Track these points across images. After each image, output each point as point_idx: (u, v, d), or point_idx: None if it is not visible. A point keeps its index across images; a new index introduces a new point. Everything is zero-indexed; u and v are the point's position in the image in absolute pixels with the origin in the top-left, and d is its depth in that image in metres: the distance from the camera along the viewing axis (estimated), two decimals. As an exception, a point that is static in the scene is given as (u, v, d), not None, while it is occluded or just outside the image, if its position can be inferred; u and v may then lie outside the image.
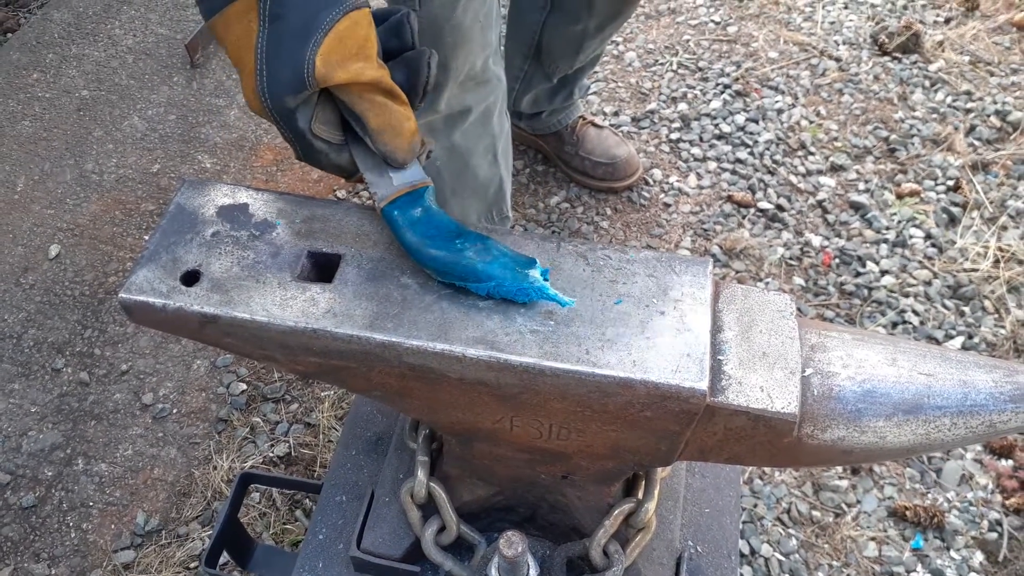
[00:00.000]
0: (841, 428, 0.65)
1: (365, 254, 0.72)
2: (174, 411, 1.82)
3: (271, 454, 1.73)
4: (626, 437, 0.70)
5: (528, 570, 0.79)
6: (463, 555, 0.84)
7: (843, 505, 1.66)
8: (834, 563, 1.59)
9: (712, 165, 2.30)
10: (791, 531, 1.63)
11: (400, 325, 0.67)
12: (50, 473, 1.73)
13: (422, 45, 0.75)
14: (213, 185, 0.77)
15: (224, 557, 1.15)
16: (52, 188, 2.26)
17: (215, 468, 1.71)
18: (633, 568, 0.82)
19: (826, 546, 1.62)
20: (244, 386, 1.85)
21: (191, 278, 0.70)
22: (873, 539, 1.62)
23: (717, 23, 2.73)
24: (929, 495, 1.68)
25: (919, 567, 1.58)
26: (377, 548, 0.86)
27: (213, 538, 0.96)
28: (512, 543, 0.73)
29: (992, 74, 2.54)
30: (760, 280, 2.05)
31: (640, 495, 0.80)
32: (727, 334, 0.68)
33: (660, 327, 0.67)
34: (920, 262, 2.08)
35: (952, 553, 1.60)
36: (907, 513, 1.63)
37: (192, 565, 1.58)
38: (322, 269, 0.72)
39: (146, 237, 2.15)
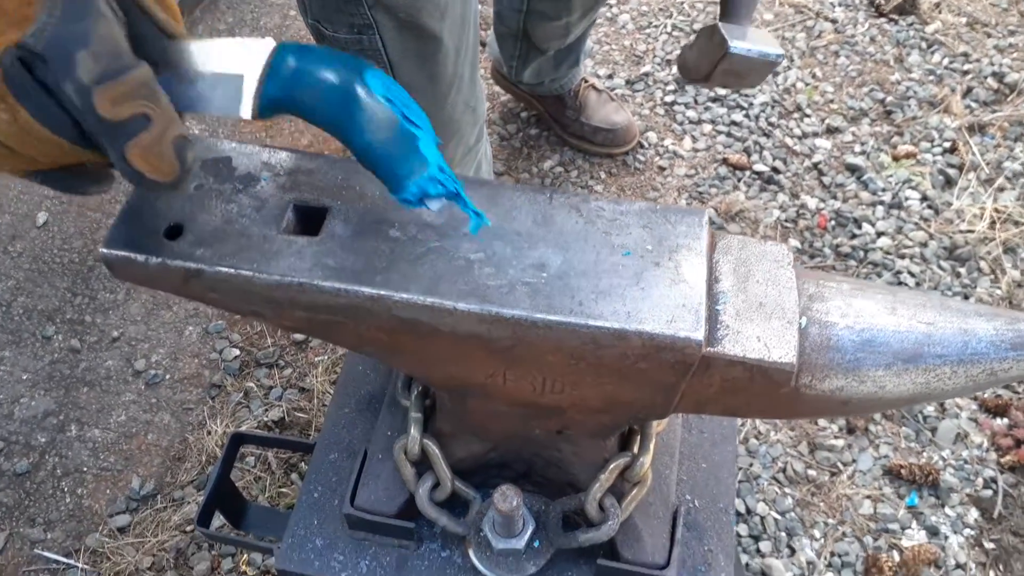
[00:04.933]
0: (839, 378, 0.65)
1: (352, 207, 0.70)
2: (167, 377, 1.81)
3: (265, 419, 1.72)
4: (621, 390, 0.69)
5: (523, 524, 0.79)
6: (458, 511, 0.84)
7: (839, 464, 1.67)
8: (829, 521, 1.60)
9: (707, 128, 2.27)
10: (787, 490, 1.63)
11: (389, 278, 0.66)
12: (43, 439, 1.72)
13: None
14: (195, 139, 0.75)
15: (219, 520, 1.15)
16: (38, 155, 2.23)
17: (209, 433, 1.70)
18: (629, 522, 0.81)
19: (822, 504, 1.62)
20: (237, 351, 1.84)
21: (174, 232, 0.68)
22: (868, 497, 1.63)
23: (712, -17, 2.69)
24: (924, 453, 1.69)
25: (914, 524, 1.59)
26: (371, 505, 0.85)
27: (205, 498, 0.95)
28: (507, 497, 0.72)
29: (989, 35, 2.51)
30: (755, 242, 2.04)
31: (636, 449, 0.80)
32: (723, 284, 0.67)
33: (655, 278, 0.65)
34: (916, 224, 2.06)
35: (947, 510, 1.61)
36: (902, 471, 1.64)
37: (188, 528, 1.58)
38: (308, 222, 0.70)
39: (135, 203, 2.12)
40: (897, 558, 1.55)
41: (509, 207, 0.70)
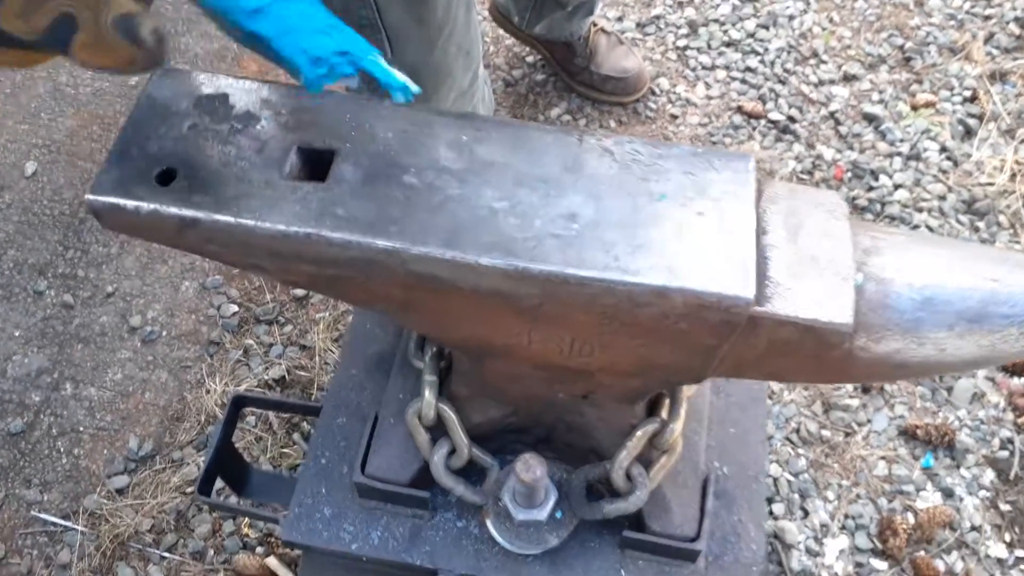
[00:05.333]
0: (897, 339, 0.59)
1: (362, 150, 0.64)
2: (163, 334, 1.75)
3: (266, 377, 1.67)
4: (656, 352, 0.63)
5: (546, 494, 0.74)
6: (474, 479, 0.79)
7: (853, 424, 1.63)
8: (844, 482, 1.57)
9: (721, 74, 2.19)
10: (800, 451, 1.60)
11: (405, 229, 0.60)
12: (37, 398, 1.67)
13: None
14: (189, 74, 0.68)
15: (221, 483, 1.10)
16: (25, 102, 2.14)
17: (208, 392, 1.66)
18: (657, 491, 0.77)
19: (836, 465, 1.59)
20: (235, 308, 1.78)
21: (167, 177, 0.62)
22: (883, 458, 1.59)
23: (726, -77, 2.57)
24: (940, 414, 1.65)
25: (929, 485, 1.56)
26: (383, 473, 0.80)
27: (205, 465, 0.91)
28: (530, 467, 0.67)
29: (1014, -22, 2.41)
30: (770, 195, 1.97)
31: (665, 415, 0.75)
32: (773, 236, 0.61)
33: (698, 229, 0.59)
34: (934, 176, 2.00)
35: (962, 471, 1.58)
36: (918, 432, 1.60)
37: (188, 490, 1.54)
38: (314, 166, 0.64)
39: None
40: (912, 520, 1.52)
41: (534, 150, 0.64)
